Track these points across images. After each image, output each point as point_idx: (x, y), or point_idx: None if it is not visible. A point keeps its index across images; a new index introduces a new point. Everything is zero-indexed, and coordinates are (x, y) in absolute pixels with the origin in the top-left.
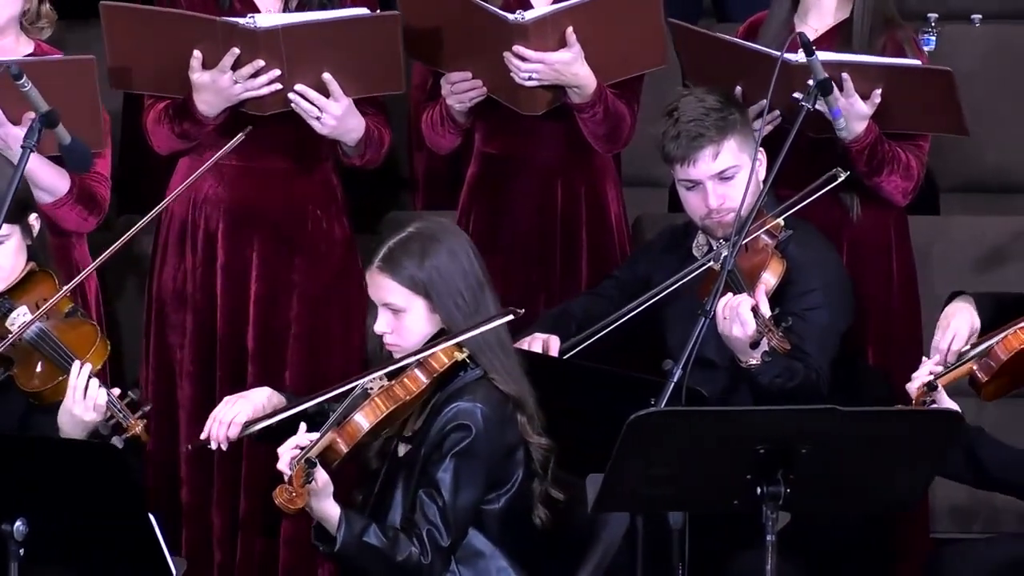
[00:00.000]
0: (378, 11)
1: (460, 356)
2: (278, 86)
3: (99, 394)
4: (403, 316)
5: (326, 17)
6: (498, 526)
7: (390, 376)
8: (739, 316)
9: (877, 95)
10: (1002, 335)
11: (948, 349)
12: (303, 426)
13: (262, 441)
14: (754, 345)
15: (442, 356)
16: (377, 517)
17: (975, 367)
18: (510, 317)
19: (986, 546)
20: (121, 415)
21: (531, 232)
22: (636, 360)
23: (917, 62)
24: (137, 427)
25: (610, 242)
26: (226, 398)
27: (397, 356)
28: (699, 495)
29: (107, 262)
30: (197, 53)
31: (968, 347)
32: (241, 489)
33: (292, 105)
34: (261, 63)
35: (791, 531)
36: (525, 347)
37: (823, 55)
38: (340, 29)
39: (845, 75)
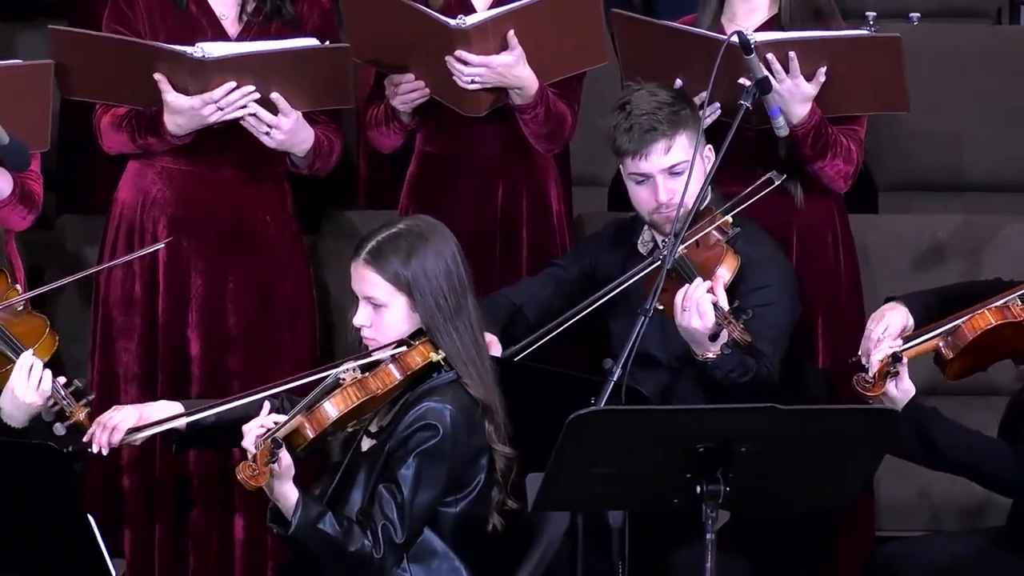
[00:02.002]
0: (327, 43)
1: (436, 357)
2: (256, 96)
3: (44, 376)
4: (383, 311)
5: (276, 48)
6: (452, 529)
7: (364, 369)
8: (699, 307)
9: (822, 74)
10: (969, 315)
11: (880, 339)
12: (267, 405)
13: (186, 448)
14: (713, 338)
15: (417, 355)
16: (335, 508)
17: (941, 344)
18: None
19: (929, 544)
20: (65, 402)
21: (471, 231)
22: (579, 357)
23: (864, 32)
24: (80, 414)
25: (551, 241)
26: (115, 406)
27: (373, 350)
28: (639, 494)
29: (49, 266)
30: (161, 76)
31: (899, 341)
32: (193, 495)
33: (241, 121)
34: (232, 84)
35: (731, 529)
36: None
37: (769, 35)
38: (290, 59)
39: (792, 54)
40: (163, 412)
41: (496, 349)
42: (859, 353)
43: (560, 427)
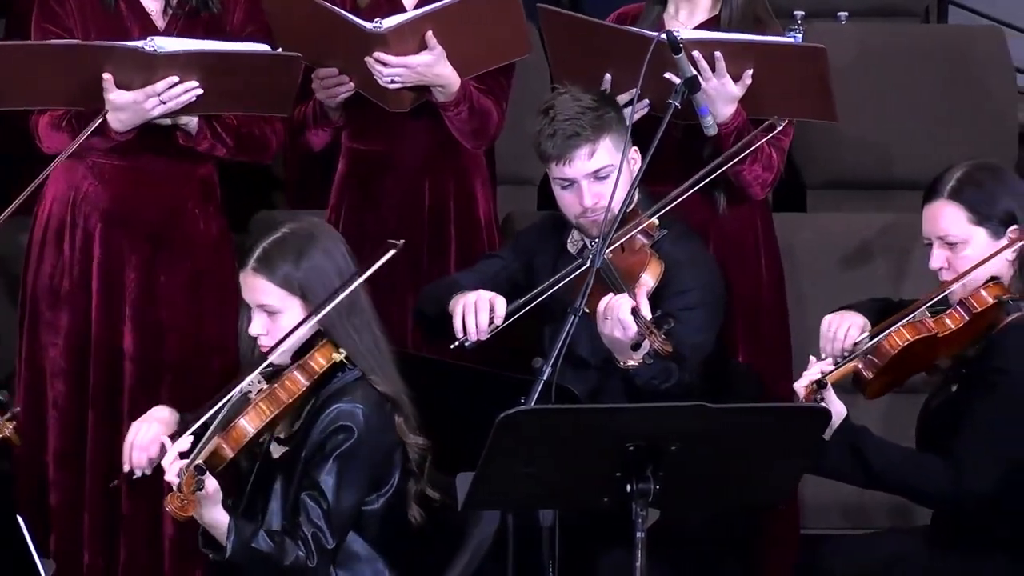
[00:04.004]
0: (279, 50)
1: (338, 357)
2: (198, 92)
3: None
4: (278, 317)
5: (227, 48)
6: (376, 527)
7: (268, 378)
8: (620, 320)
9: (748, 75)
10: (885, 333)
11: (844, 338)
12: (167, 441)
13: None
14: (635, 347)
15: (320, 357)
16: (251, 517)
17: (860, 365)
18: (391, 253)
19: (863, 543)
20: None
21: (399, 229)
22: (508, 356)
23: (790, 40)
24: (7, 429)
25: (478, 239)
26: (134, 424)
27: (272, 358)
28: (569, 493)
29: None
30: (108, 76)
31: (863, 337)
32: (122, 492)
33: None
34: (175, 78)
35: (661, 528)
36: (464, 307)
37: (696, 33)
38: (240, 61)
39: (717, 53)
40: (168, 416)
41: (502, 304)
42: (823, 356)
43: (490, 426)
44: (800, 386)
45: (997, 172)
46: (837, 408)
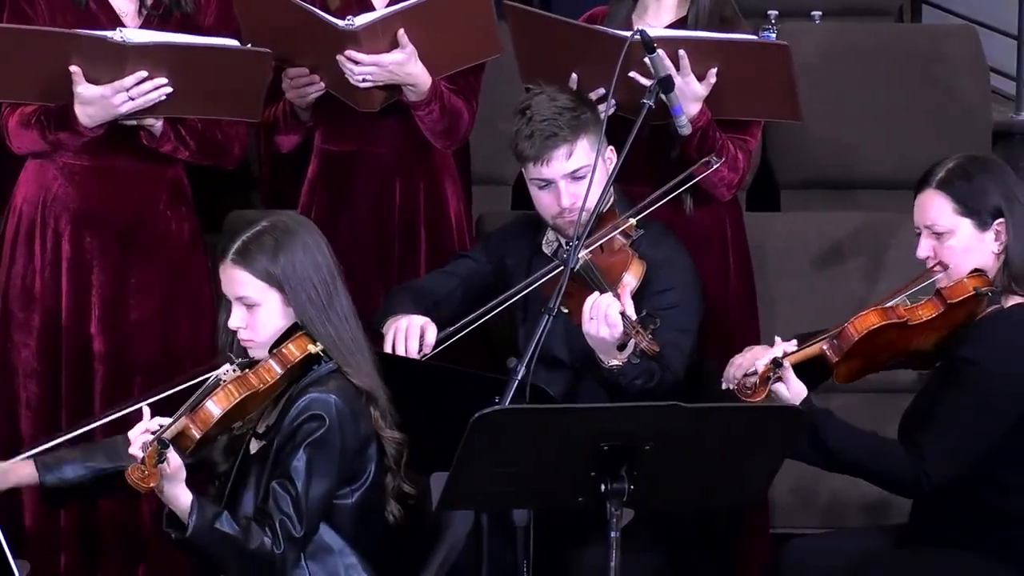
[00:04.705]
0: (249, 45)
1: (314, 349)
2: (168, 90)
3: None
4: (257, 310)
5: (196, 41)
6: (350, 521)
7: (243, 367)
8: (607, 318)
9: (712, 75)
10: (853, 317)
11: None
12: (147, 411)
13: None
14: (621, 347)
15: (295, 348)
16: (230, 512)
17: (826, 347)
18: None
19: (835, 541)
20: None
21: (370, 229)
22: (483, 357)
23: (753, 36)
24: None
25: (449, 239)
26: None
27: (252, 351)
28: (543, 492)
29: None
30: (76, 68)
31: (792, 344)
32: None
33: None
34: (144, 73)
35: (635, 527)
36: (395, 333)
37: (659, 31)
38: (209, 56)
39: (681, 52)
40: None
41: (432, 332)
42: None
43: (465, 426)
44: (760, 363)
45: (988, 165)
46: (796, 389)
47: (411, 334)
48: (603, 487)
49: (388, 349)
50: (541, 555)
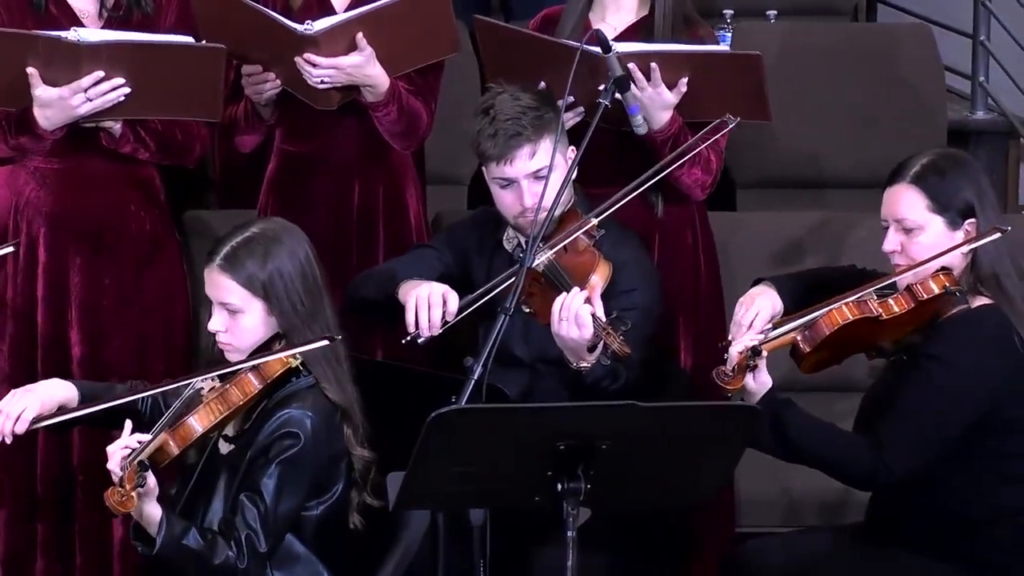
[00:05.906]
0: (203, 42)
1: (294, 362)
2: (125, 91)
3: None
4: (239, 317)
5: (150, 39)
6: (314, 533)
7: (222, 378)
8: (578, 319)
9: (683, 84)
10: (827, 308)
11: (750, 325)
12: (129, 424)
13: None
14: (591, 348)
15: (275, 362)
16: (192, 511)
17: (799, 337)
18: (324, 343)
19: (787, 540)
20: None
21: (329, 231)
22: (439, 356)
23: (725, 48)
24: None
25: (408, 240)
26: (12, 391)
27: (230, 355)
28: (500, 492)
29: None
30: (32, 70)
31: (770, 326)
32: (76, 493)
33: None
34: (101, 74)
35: (592, 527)
36: (416, 300)
37: (631, 46)
38: (164, 54)
39: (653, 64)
40: (57, 393)
41: (454, 299)
42: (729, 338)
43: (421, 425)
44: (735, 351)
45: (962, 163)
46: (763, 379)
47: (434, 302)
48: (560, 486)
49: (410, 318)
50: (498, 555)
